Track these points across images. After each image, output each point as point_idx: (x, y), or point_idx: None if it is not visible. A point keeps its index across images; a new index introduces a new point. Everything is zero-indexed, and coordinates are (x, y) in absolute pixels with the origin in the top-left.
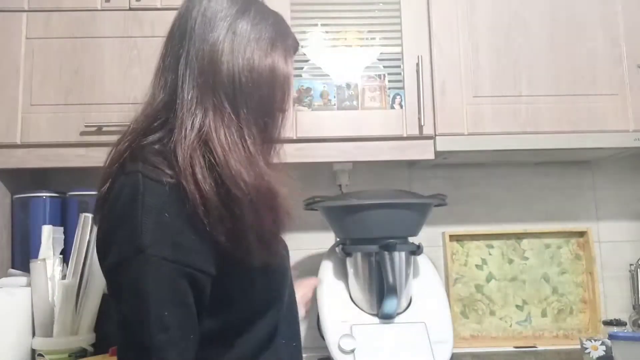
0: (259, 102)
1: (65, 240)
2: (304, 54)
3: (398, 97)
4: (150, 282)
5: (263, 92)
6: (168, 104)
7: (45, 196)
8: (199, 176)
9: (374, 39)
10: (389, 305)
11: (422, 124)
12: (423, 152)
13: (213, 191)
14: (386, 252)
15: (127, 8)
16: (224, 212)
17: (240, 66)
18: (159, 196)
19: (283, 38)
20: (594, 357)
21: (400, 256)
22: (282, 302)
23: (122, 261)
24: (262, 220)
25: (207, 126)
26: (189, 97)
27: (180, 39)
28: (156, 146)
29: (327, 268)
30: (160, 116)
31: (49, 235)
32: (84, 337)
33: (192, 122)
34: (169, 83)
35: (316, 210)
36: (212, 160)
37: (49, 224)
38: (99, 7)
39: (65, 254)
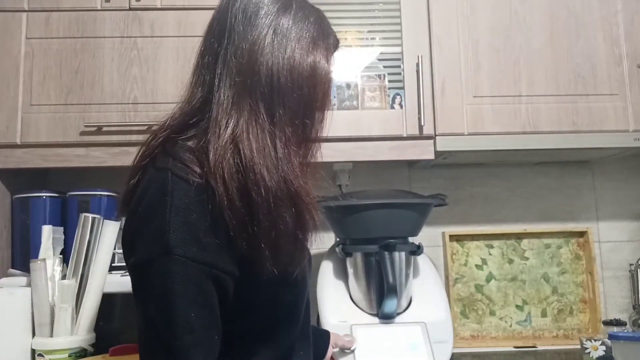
0: (298, 102)
1: (65, 240)
2: None
3: (398, 97)
4: (177, 283)
5: (303, 92)
6: (204, 103)
7: (45, 196)
8: (227, 178)
9: (374, 39)
10: (389, 305)
11: (422, 124)
12: (423, 152)
13: (238, 195)
14: (386, 252)
15: (127, 8)
16: (246, 218)
17: (280, 65)
18: (187, 196)
19: (325, 36)
20: (594, 357)
21: (400, 256)
22: (300, 313)
23: (149, 260)
24: (282, 227)
25: (240, 127)
26: (225, 97)
27: (219, 36)
28: (189, 144)
29: (327, 268)
30: (196, 114)
31: (49, 235)
32: (84, 337)
33: (227, 122)
34: (207, 81)
35: None
36: (240, 163)
37: (49, 224)
38: (99, 7)
39: (65, 254)
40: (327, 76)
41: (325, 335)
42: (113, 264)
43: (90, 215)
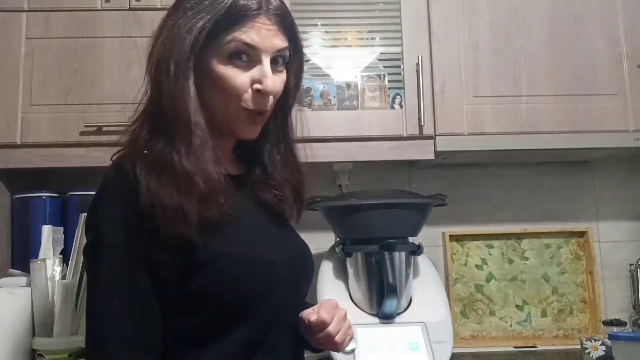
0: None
1: (65, 240)
2: (304, 54)
3: (398, 97)
4: (102, 269)
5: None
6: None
7: (45, 196)
8: (147, 169)
9: (374, 39)
10: (389, 305)
11: (422, 124)
12: (423, 152)
13: (154, 183)
14: (386, 252)
15: (127, 8)
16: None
17: (162, 48)
18: (120, 189)
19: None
20: (594, 357)
21: (400, 256)
22: (266, 308)
23: (86, 247)
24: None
25: (141, 123)
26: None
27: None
28: (136, 141)
29: (327, 268)
30: (140, 113)
31: (49, 235)
32: (84, 337)
33: (140, 118)
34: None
35: (316, 210)
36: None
37: (49, 224)
38: (99, 7)
39: (65, 254)
40: (188, 52)
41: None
42: None
43: None
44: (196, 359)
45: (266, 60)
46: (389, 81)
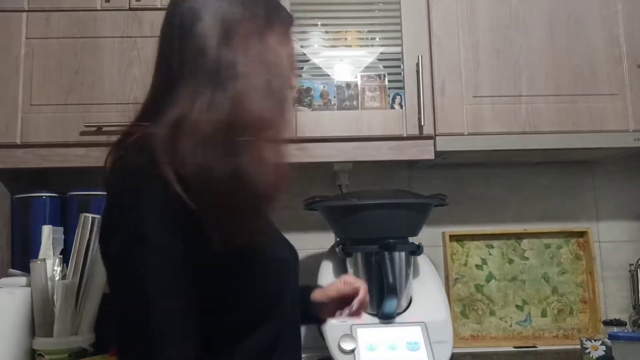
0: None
1: (65, 240)
2: (304, 54)
3: (398, 97)
4: (152, 272)
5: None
6: (161, 98)
7: (45, 196)
8: (180, 167)
9: (374, 39)
10: (389, 305)
11: (422, 124)
12: (423, 152)
13: (190, 182)
14: (386, 252)
15: (127, 8)
16: (199, 202)
17: (231, 50)
18: (158, 187)
19: (277, 15)
20: (594, 357)
21: (400, 256)
22: (283, 308)
23: (124, 251)
24: (225, 204)
25: (187, 118)
26: (177, 89)
27: (170, 35)
28: (154, 138)
29: (327, 268)
30: (157, 109)
31: (49, 235)
32: (84, 337)
33: (176, 114)
34: (162, 77)
35: (316, 210)
36: (188, 151)
37: (49, 224)
38: (99, 7)
39: (65, 254)
40: (279, 56)
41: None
42: None
43: (90, 215)
44: (225, 358)
45: None
46: (389, 81)
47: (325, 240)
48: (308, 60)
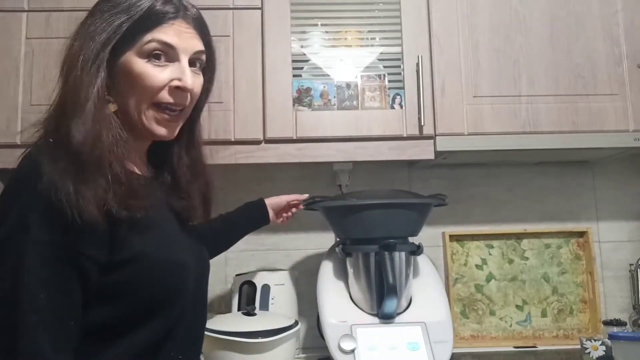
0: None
1: None
2: (304, 54)
3: (398, 97)
4: (30, 263)
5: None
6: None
7: None
8: (49, 158)
9: (374, 39)
10: (389, 305)
11: (422, 124)
12: (423, 152)
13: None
14: (386, 252)
15: None
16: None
17: (76, 48)
18: (48, 182)
19: (125, 7)
20: (594, 357)
21: (400, 256)
22: (176, 307)
23: (7, 239)
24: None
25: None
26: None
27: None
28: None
29: (327, 268)
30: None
31: None
32: None
33: (49, 117)
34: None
35: (316, 210)
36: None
37: None
38: None
39: None
40: (103, 50)
41: (260, 203)
42: None
43: None
44: (105, 352)
45: (184, 60)
46: (389, 81)
47: (325, 240)
48: (308, 60)
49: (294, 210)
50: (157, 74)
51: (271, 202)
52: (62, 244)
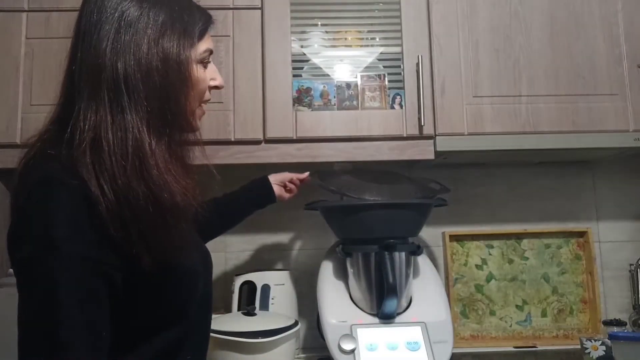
0: (153, 95)
1: None
2: (304, 54)
3: (398, 97)
4: (62, 279)
5: (155, 82)
6: (67, 110)
7: None
8: (98, 180)
9: (374, 39)
10: (389, 305)
11: (422, 124)
12: (423, 152)
13: (110, 196)
14: (386, 252)
15: None
16: (118, 217)
17: (127, 60)
18: (69, 195)
19: (179, 17)
20: (594, 357)
21: (400, 256)
22: (192, 313)
23: (35, 257)
24: (146, 220)
25: (97, 130)
26: (81, 99)
27: (75, 39)
28: (62, 150)
29: (327, 268)
30: (62, 120)
31: None
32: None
33: (83, 126)
34: (67, 86)
35: (316, 210)
36: (104, 166)
37: None
38: None
39: None
40: (179, 60)
41: (264, 180)
42: None
43: None
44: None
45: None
46: (389, 81)
47: (325, 240)
48: (308, 60)
49: (302, 177)
50: (205, 76)
51: (276, 178)
52: (93, 257)
